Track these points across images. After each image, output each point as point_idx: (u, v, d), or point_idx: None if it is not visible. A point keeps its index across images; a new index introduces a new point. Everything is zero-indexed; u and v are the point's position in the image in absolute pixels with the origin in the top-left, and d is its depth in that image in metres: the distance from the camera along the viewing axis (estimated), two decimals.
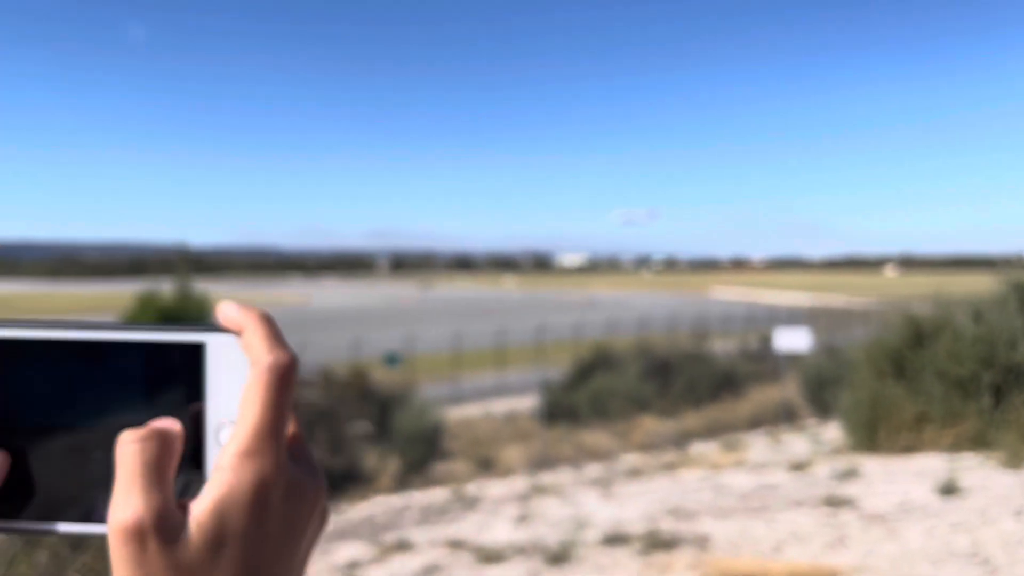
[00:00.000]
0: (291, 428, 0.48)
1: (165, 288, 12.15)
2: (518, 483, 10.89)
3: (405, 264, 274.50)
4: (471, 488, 10.88)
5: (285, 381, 0.45)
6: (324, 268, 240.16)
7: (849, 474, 7.57)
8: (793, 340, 17.10)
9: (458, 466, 14.46)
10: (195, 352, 0.48)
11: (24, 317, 0.50)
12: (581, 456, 13.99)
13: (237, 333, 0.48)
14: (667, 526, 6.24)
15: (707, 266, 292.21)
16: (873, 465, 8.02)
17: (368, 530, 8.32)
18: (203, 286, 16.18)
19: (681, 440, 14.57)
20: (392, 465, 13.72)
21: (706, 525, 6.22)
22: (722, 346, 28.32)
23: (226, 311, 0.48)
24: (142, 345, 0.48)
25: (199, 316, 11.87)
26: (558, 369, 22.27)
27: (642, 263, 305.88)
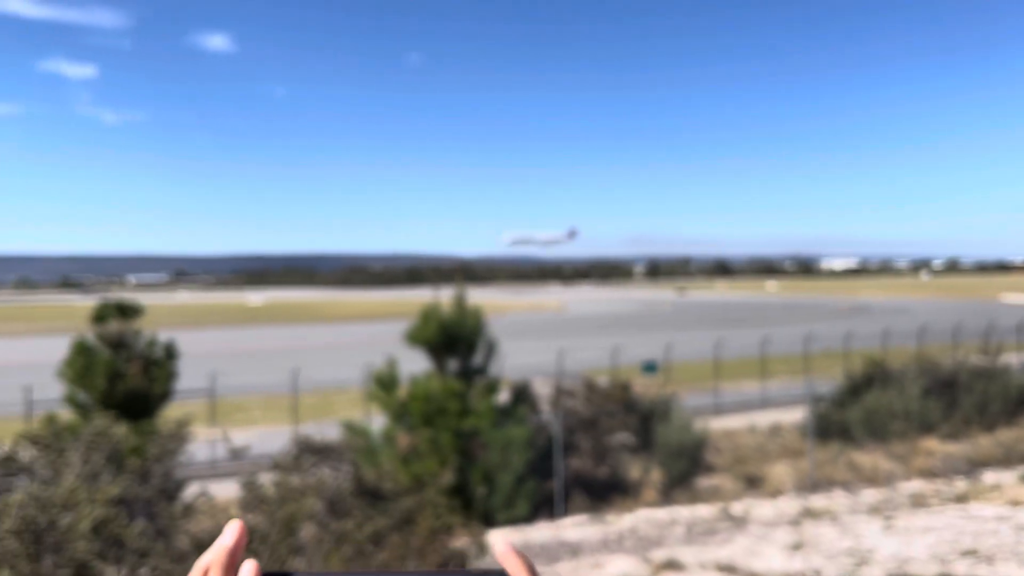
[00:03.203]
0: None
1: (441, 295, 13.06)
2: (787, 504, 10.51)
3: (661, 270, 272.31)
4: (737, 507, 10.65)
5: None
6: (581, 275, 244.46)
7: None
8: None
9: (722, 481, 14.17)
10: None
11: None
12: (855, 479, 13.20)
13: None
14: (961, 570, 5.77)
15: (996, 269, 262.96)
16: None
17: (634, 544, 8.42)
18: (473, 293, 17.22)
19: (971, 468, 13.30)
20: (655, 477, 13.73)
21: (1008, 572, 5.68)
22: (1019, 359, 25.46)
23: (504, 555, 0.69)
24: None
25: (474, 324, 12.66)
26: (826, 381, 21.12)
27: (920, 266, 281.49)
